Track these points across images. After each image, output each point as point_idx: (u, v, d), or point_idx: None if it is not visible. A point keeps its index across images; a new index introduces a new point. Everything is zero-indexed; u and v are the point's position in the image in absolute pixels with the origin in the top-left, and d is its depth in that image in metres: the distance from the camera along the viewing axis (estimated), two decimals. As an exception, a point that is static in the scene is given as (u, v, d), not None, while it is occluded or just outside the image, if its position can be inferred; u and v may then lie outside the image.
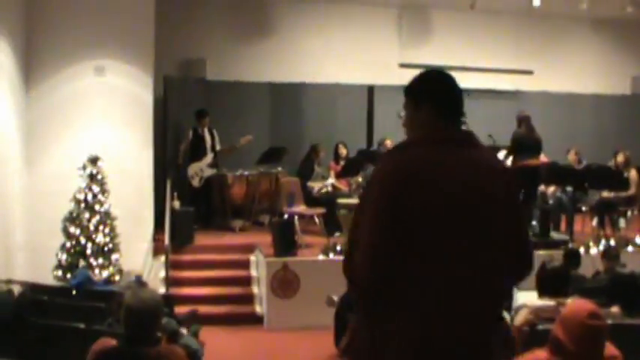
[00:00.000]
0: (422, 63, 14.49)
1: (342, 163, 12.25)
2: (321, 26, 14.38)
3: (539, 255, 8.85)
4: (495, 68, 15.17)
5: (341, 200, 11.19)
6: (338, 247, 9.77)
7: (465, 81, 13.06)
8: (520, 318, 4.65)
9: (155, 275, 10.27)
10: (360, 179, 11.74)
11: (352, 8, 14.40)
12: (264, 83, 13.72)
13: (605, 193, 12.03)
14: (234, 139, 12.22)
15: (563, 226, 12.28)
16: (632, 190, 11.93)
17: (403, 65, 14.56)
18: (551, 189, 12.55)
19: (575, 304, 3.90)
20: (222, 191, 12.11)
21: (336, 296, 7.69)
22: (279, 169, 12.35)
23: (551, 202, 12.51)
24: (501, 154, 11.87)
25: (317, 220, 11.23)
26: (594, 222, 12.17)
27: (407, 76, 12.28)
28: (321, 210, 11.06)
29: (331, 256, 9.70)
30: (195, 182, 11.94)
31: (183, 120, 12.47)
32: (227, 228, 11.97)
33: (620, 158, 12.19)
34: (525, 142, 11.21)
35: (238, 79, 13.51)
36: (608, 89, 16.10)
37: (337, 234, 10.74)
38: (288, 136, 13.32)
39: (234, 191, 12.07)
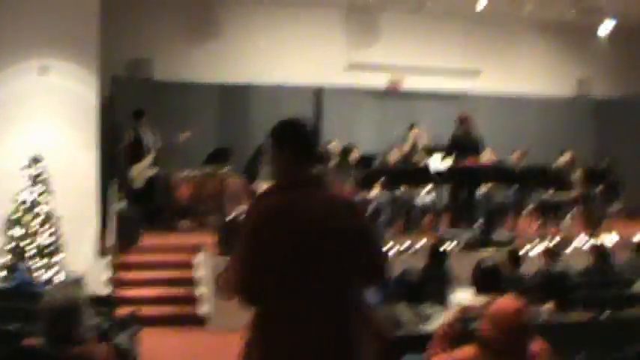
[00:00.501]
0: (370, 63, 14.63)
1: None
2: (269, 27, 14.40)
3: (484, 254, 9.02)
4: (443, 70, 15.32)
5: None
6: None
7: (412, 82, 13.33)
8: (448, 316, 4.71)
9: (99, 276, 10.15)
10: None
11: (300, 9, 14.45)
12: (211, 84, 13.71)
13: (549, 193, 12.23)
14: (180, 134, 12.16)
15: (508, 225, 12.45)
16: (576, 190, 12.13)
17: (351, 66, 14.65)
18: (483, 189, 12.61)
19: (503, 302, 3.97)
20: (168, 192, 12.06)
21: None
22: (226, 169, 12.31)
23: (495, 201, 12.64)
24: (438, 156, 12.03)
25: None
26: (538, 221, 12.33)
27: (355, 77, 12.48)
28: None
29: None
30: (138, 183, 11.84)
31: (130, 120, 12.36)
32: (173, 228, 11.93)
33: (567, 157, 12.39)
34: (464, 143, 11.34)
35: (186, 80, 13.49)
36: (554, 91, 16.37)
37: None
38: (236, 137, 13.32)
39: (180, 192, 12.03)
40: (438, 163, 12.07)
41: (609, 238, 11.23)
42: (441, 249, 8.46)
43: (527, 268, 8.57)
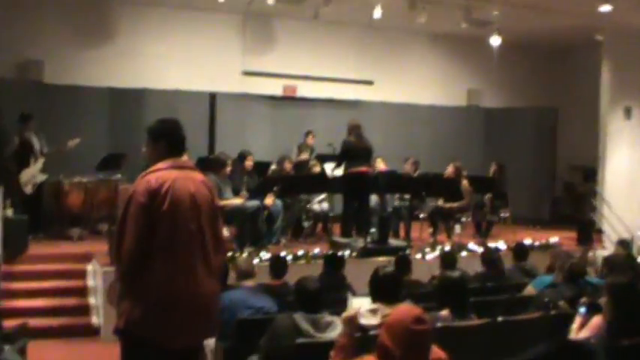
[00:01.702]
0: (265, 71, 14.62)
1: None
2: (164, 31, 14.24)
3: (378, 262, 9.12)
4: (337, 78, 15.46)
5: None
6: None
7: (307, 90, 13.39)
8: (343, 325, 4.72)
9: (-15, 287, 9.80)
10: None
11: (196, 14, 14.31)
12: (103, 88, 13.42)
13: (440, 201, 12.50)
14: (68, 141, 11.84)
15: (402, 233, 12.65)
16: (465, 199, 12.41)
17: (246, 73, 14.60)
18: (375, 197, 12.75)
19: (400, 310, 3.97)
20: (58, 199, 11.73)
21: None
22: (119, 175, 12.06)
23: (389, 209, 12.83)
24: (330, 165, 12.12)
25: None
26: (430, 229, 12.56)
27: (250, 84, 12.44)
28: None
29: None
30: (29, 189, 11.47)
31: (17, 124, 11.92)
32: (64, 237, 11.62)
33: (450, 169, 12.66)
34: (354, 150, 11.44)
35: (77, 83, 13.17)
36: (446, 101, 16.72)
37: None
38: (128, 142, 13.00)
39: (71, 199, 11.71)
40: (330, 170, 12.18)
41: (498, 245, 11.51)
42: (337, 257, 8.47)
43: (421, 275, 8.74)
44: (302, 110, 15.06)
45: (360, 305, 4.86)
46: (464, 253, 11.17)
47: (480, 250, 11.01)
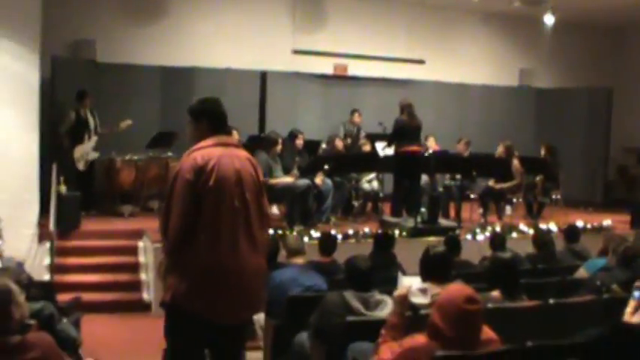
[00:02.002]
0: (315, 49, 14.58)
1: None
2: (214, 10, 14.26)
3: (428, 242, 9.09)
4: (388, 57, 15.37)
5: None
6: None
7: (357, 69, 13.32)
8: (395, 303, 4.71)
9: (40, 262, 9.96)
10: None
11: (246, -8, 14.34)
12: (154, 66, 13.46)
13: (491, 182, 12.38)
14: (120, 122, 11.97)
15: (452, 213, 12.57)
16: (516, 180, 12.29)
17: (296, 51, 14.58)
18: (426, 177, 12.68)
19: (452, 290, 3.98)
20: (110, 176, 11.88)
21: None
22: (169, 154, 12.15)
23: (439, 189, 12.76)
24: (381, 144, 12.07)
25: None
26: (480, 210, 12.47)
27: (300, 63, 12.41)
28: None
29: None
30: (81, 166, 11.62)
31: (71, 102, 12.07)
32: (115, 213, 11.77)
33: (500, 149, 12.51)
34: (406, 130, 11.37)
35: (129, 62, 13.22)
36: (497, 80, 16.54)
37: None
38: (179, 121, 12.93)
39: (122, 176, 11.83)
40: (381, 150, 12.13)
41: (549, 227, 11.39)
42: (387, 236, 8.46)
43: (471, 256, 8.69)
44: (353, 89, 14.98)
45: (411, 284, 4.85)
46: (514, 234, 11.08)
47: (530, 231, 10.90)
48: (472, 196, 12.61)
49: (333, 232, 9.38)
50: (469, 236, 10.85)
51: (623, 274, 6.52)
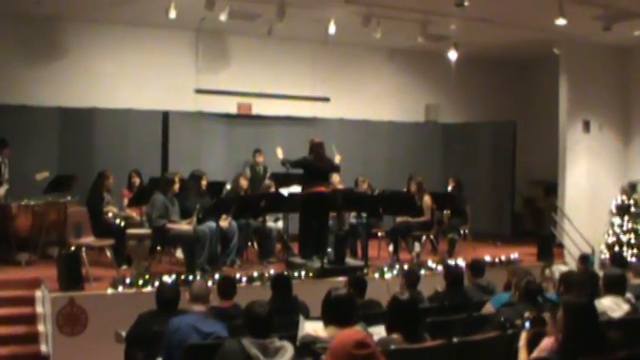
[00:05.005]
0: (218, 89, 14.42)
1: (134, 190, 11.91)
2: (115, 49, 14.01)
3: (335, 282, 8.91)
4: (292, 95, 15.31)
5: (131, 231, 10.73)
6: (127, 280, 9.37)
7: (262, 107, 13.18)
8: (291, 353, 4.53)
9: None
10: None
11: (147, 31, 14.12)
12: (52, 108, 13.12)
13: (400, 219, 12.32)
14: (22, 167, 11.59)
15: (359, 251, 12.44)
16: (426, 216, 12.25)
17: (199, 91, 14.41)
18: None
19: (343, 335, 3.89)
20: (5, 222, 11.37)
21: (124, 331, 7.26)
22: (69, 198, 11.75)
23: (346, 228, 12.61)
24: (286, 190, 11.86)
25: (107, 251, 10.66)
26: (390, 247, 12.38)
27: (203, 102, 12.20)
28: (110, 241, 10.51)
29: (120, 289, 9.27)
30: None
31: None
32: (11, 262, 11.25)
33: (413, 187, 12.48)
34: (314, 170, 11.20)
35: (25, 103, 12.83)
36: (403, 116, 16.63)
37: (124, 267, 10.47)
38: (79, 163, 12.73)
39: (18, 222, 11.33)
40: (287, 189, 11.93)
41: (457, 262, 11.35)
42: (283, 278, 8.16)
43: (379, 295, 8.53)
44: (257, 128, 14.83)
45: (313, 328, 4.68)
46: (423, 272, 10.99)
47: (439, 268, 10.86)
48: (380, 233, 12.52)
49: (237, 275, 9.13)
50: (377, 275, 10.72)
51: (527, 309, 6.46)
